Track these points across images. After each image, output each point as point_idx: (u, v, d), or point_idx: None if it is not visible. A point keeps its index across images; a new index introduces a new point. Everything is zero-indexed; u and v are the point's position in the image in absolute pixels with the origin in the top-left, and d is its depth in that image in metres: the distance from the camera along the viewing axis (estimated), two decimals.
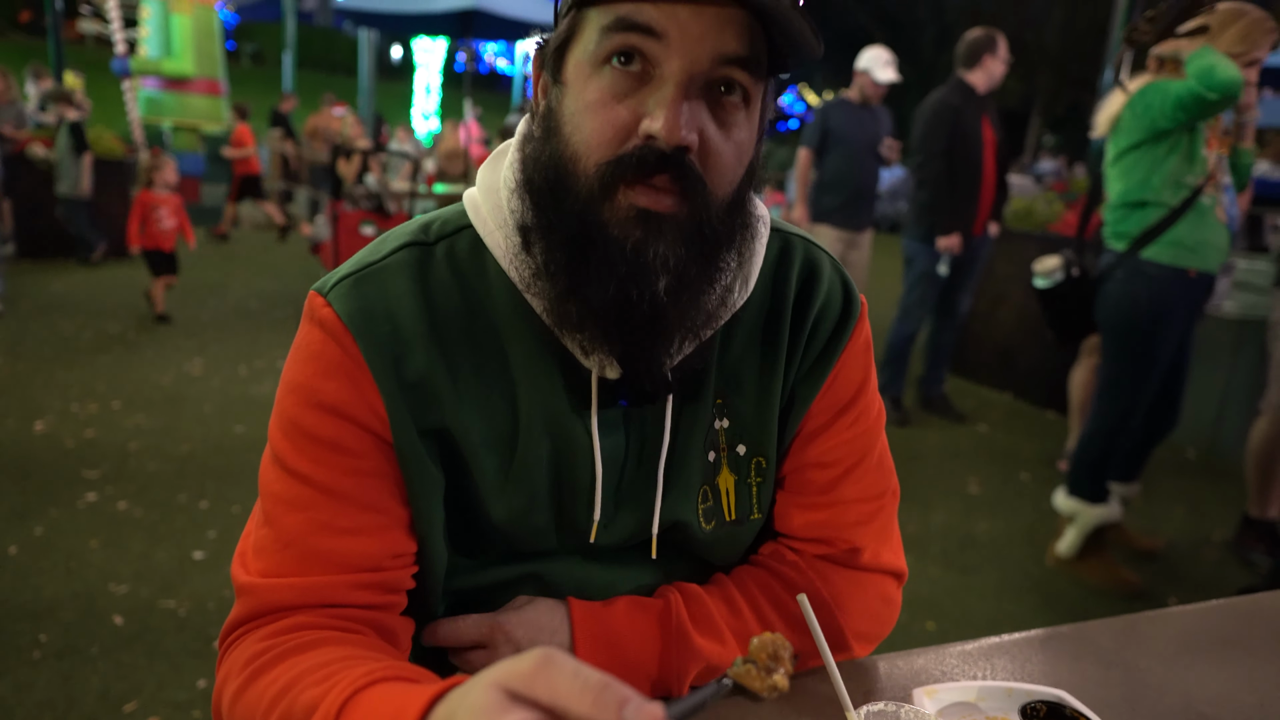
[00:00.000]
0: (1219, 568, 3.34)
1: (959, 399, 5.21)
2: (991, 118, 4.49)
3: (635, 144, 0.68)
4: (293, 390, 0.77)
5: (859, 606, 0.91)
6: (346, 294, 0.76)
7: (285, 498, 0.76)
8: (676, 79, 0.67)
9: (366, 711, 0.60)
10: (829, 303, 0.88)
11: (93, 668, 2.26)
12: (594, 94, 0.69)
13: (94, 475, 3.42)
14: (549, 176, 0.72)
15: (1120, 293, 2.88)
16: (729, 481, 0.88)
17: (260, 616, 0.75)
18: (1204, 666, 1.03)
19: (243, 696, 0.70)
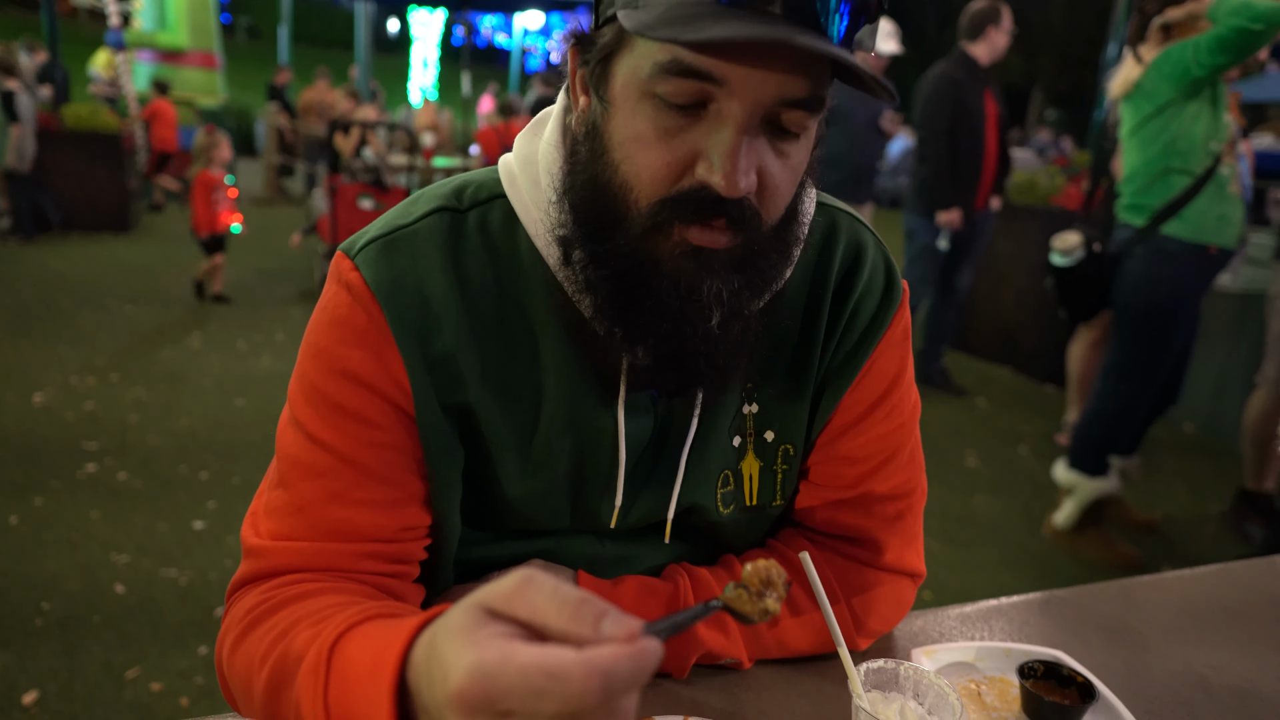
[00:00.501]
0: (1215, 541, 3.36)
1: (959, 374, 5.21)
2: (994, 92, 4.45)
3: (690, 184, 0.65)
4: (317, 354, 0.75)
5: (873, 607, 0.89)
6: (375, 259, 0.74)
7: (302, 462, 0.75)
8: (736, 123, 0.62)
9: (356, 647, 0.60)
10: (870, 288, 0.85)
11: (95, 637, 2.27)
12: (645, 125, 0.64)
13: (94, 448, 3.42)
14: (596, 203, 0.68)
15: (1141, 273, 2.81)
16: (754, 467, 0.85)
17: (265, 578, 0.75)
18: (1202, 631, 1.04)
19: (241, 645, 0.71)
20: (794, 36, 0.57)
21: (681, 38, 0.57)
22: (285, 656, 0.65)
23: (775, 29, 0.58)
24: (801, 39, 0.57)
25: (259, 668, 0.67)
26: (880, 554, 0.89)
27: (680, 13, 0.59)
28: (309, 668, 0.62)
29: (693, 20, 0.58)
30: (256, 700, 0.67)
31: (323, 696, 0.60)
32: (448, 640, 0.47)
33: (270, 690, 0.66)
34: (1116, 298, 2.93)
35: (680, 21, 0.59)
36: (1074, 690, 0.84)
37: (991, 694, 0.87)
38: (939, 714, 0.71)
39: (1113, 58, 6.65)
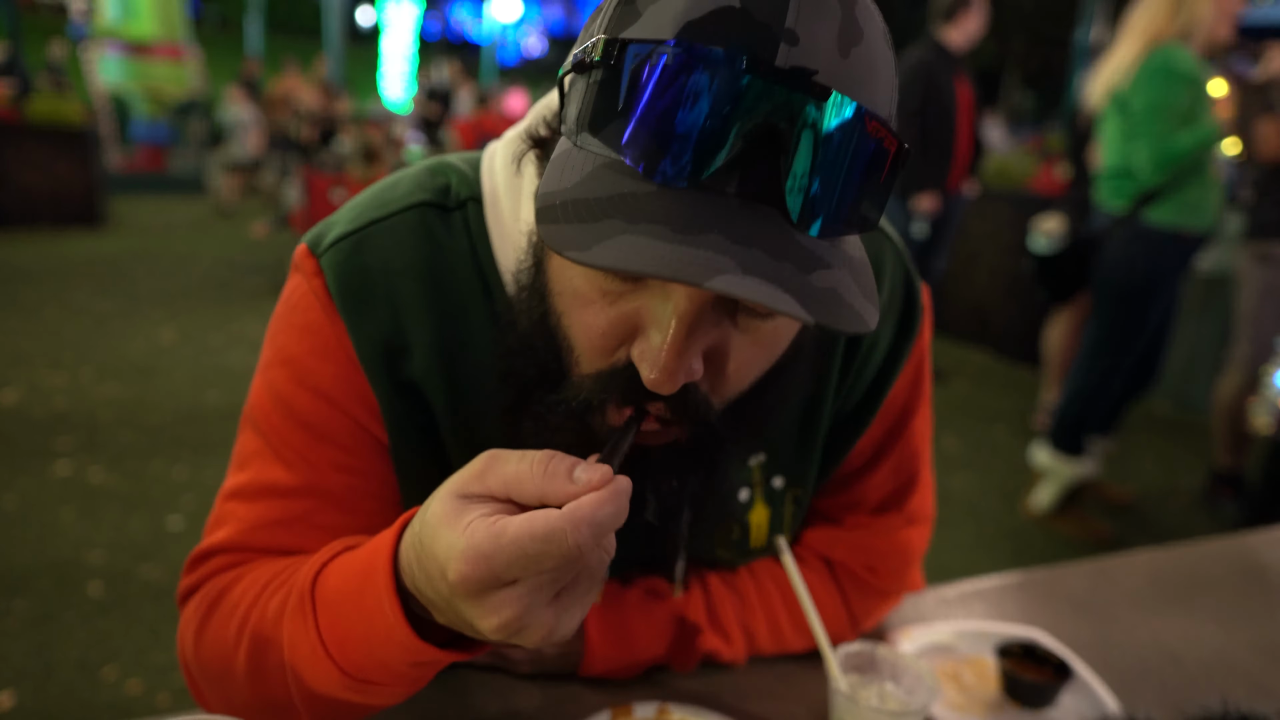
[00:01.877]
0: (1188, 518, 3.41)
1: (935, 356, 5.22)
2: (966, 76, 4.47)
3: (625, 358, 0.54)
4: (285, 362, 0.68)
5: (866, 616, 0.89)
6: (340, 262, 0.66)
7: (263, 481, 0.69)
8: (679, 308, 0.50)
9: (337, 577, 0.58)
10: (886, 317, 0.76)
11: (69, 635, 2.24)
12: (581, 283, 0.54)
13: (66, 445, 3.37)
14: (542, 348, 0.59)
15: (1120, 256, 2.87)
16: (762, 516, 0.81)
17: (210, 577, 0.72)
18: (1172, 606, 1.05)
19: (205, 632, 0.67)
20: (709, 275, 0.43)
21: (566, 252, 0.45)
22: (261, 621, 0.62)
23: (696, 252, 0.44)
24: (718, 281, 0.43)
25: (235, 644, 0.64)
26: (888, 579, 0.89)
27: (598, 189, 0.48)
28: (292, 613, 0.59)
29: (603, 211, 0.46)
30: (239, 678, 0.64)
31: (315, 632, 0.58)
32: (433, 534, 0.47)
33: (253, 660, 0.62)
34: (1096, 280, 2.98)
35: (586, 213, 0.47)
36: (1050, 669, 0.85)
37: (970, 674, 0.88)
38: (917, 695, 0.72)
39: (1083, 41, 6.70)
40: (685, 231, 0.45)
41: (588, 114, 0.49)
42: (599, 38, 0.49)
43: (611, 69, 0.47)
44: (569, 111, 0.51)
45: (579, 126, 0.50)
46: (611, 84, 0.47)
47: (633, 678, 0.82)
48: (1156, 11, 2.71)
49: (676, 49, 0.45)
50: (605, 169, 0.48)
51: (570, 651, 0.79)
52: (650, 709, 0.77)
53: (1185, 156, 2.66)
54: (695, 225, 0.45)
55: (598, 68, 0.48)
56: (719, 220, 0.46)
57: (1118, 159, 2.89)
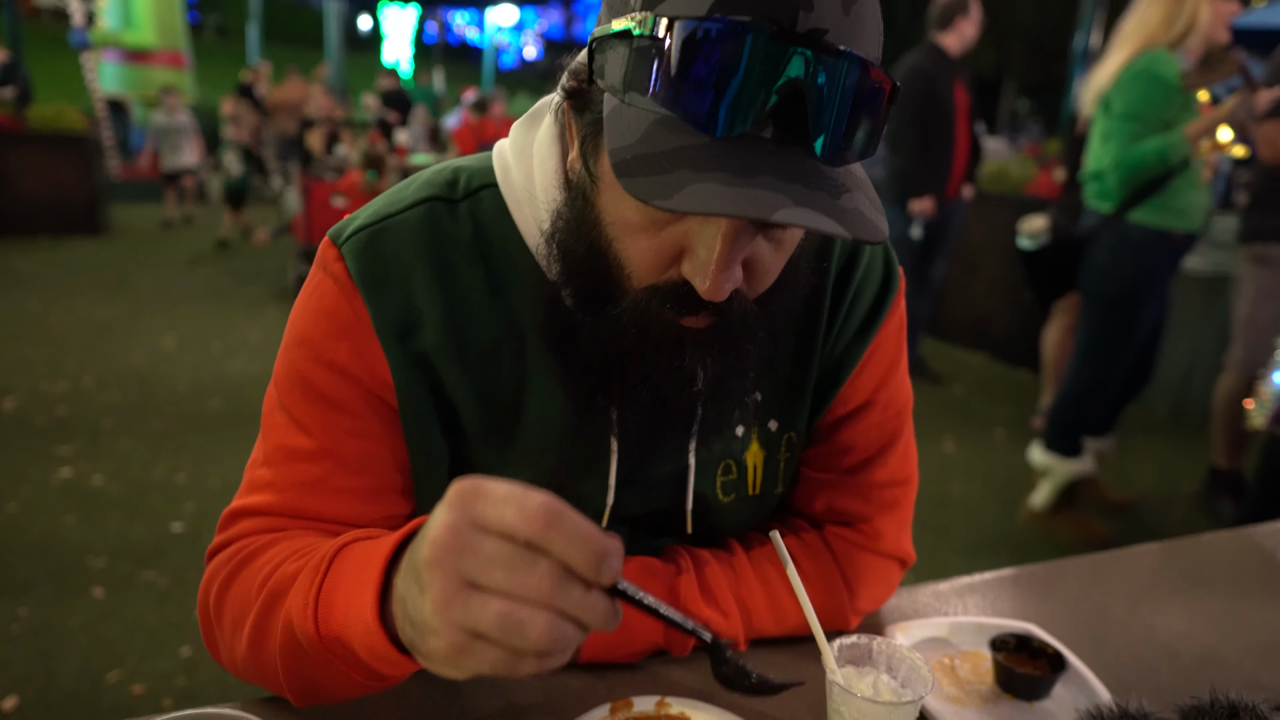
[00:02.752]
0: (1187, 519, 3.42)
1: (933, 360, 5.26)
2: (964, 81, 4.49)
3: (676, 277, 0.64)
4: (303, 342, 0.76)
5: (866, 589, 0.91)
6: (360, 250, 0.74)
7: (286, 446, 0.76)
8: (722, 229, 0.60)
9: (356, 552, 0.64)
10: (869, 275, 0.86)
11: (72, 642, 2.25)
12: (633, 214, 0.63)
13: (67, 452, 3.38)
14: (589, 272, 0.68)
15: (1106, 257, 2.88)
16: (758, 457, 0.86)
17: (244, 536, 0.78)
18: (1167, 602, 1.06)
19: (232, 584, 0.73)
20: (773, 210, 0.53)
21: (651, 201, 0.54)
22: (281, 579, 0.68)
23: (755, 193, 0.54)
24: (781, 214, 0.54)
25: (253, 599, 0.69)
26: (878, 539, 0.91)
27: (661, 144, 0.56)
28: (308, 573, 0.65)
29: (672, 164, 0.55)
30: (247, 632, 0.70)
31: (316, 589, 0.63)
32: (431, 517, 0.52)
33: (263, 613, 0.68)
34: (1084, 282, 2.99)
35: (658, 166, 0.56)
36: (1045, 662, 0.86)
37: (965, 667, 0.89)
38: (911, 686, 0.73)
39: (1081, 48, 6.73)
40: (742, 175, 0.55)
41: (639, 78, 0.58)
42: (642, 14, 0.57)
43: (657, 40, 0.56)
44: (611, 73, 0.60)
45: (626, 87, 0.59)
46: (659, 53, 0.56)
47: (631, 662, 0.84)
48: (1151, 17, 2.73)
49: (716, 23, 0.54)
50: (660, 125, 0.57)
51: None
52: (649, 702, 0.78)
53: (1144, 164, 2.68)
54: (749, 169, 0.55)
55: (643, 39, 0.57)
56: (765, 163, 0.56)
57: (1100, 161, 2.91)
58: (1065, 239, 3.03)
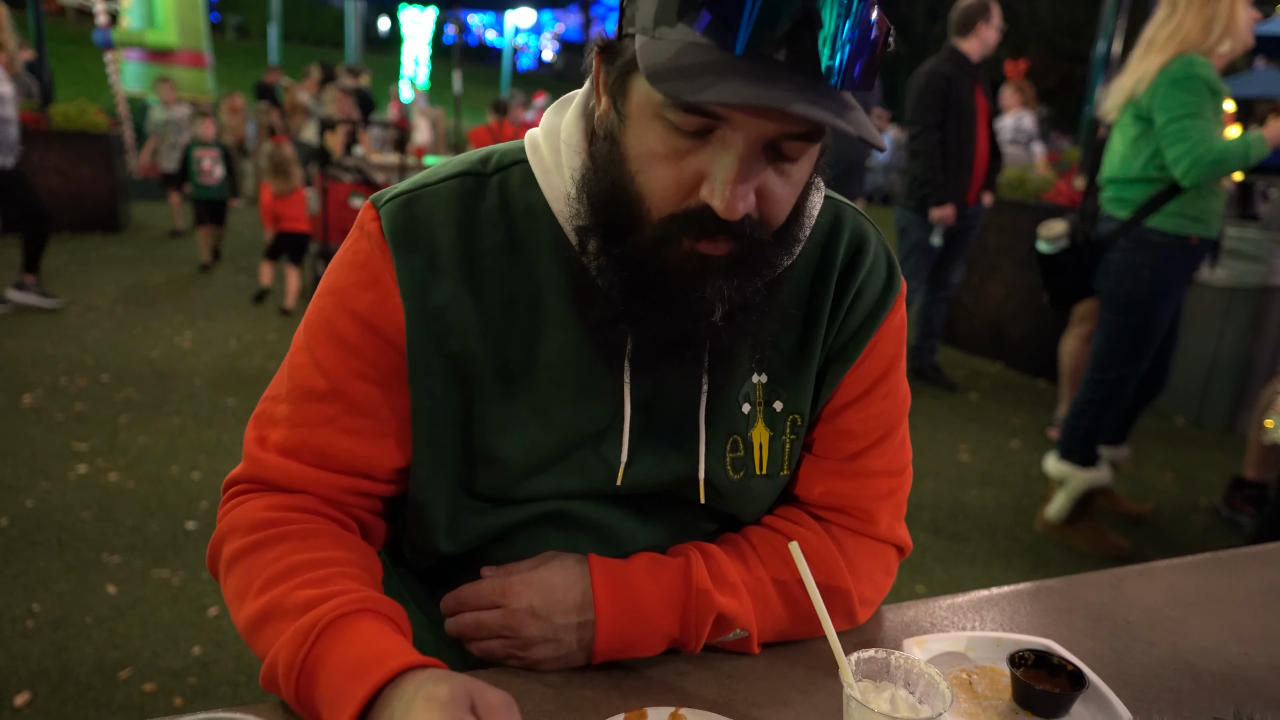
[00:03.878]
0: (1205, 532, 3.38)
1: (951, 369, 5.23)
2: (984, 87, 4.46)
3: (696, 203, 0.69)
4: (334, 292, 0.83)
5: (867, 574, 0.93)
6: (395, 212, 0.81)
7: (306, 385, 0.83)
8: (738, 152, 0.67)
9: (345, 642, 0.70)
10: (872, 276, 0.90)
11: (86, 638, 2.26)
12: (657, 144, 0.69)
13: (84, 448, 3.41)
14: (613, 207, 0.73)
15: (1123, 262, 2.87)
16: (763, 436, 0.89)
17: (264, 487, 0.85)
18: (1190, 619, 1.05)
19: (243, 560, 0.79)
20: (790, 103, 0.61)
21: (684, 96, 0.62)
22: (283, 600, 0.74)
23: (774, 91, 0.61)
24: (796, 106, 0.61)
25: (256, 593, 0.76)
26: (874, 525, 0.94)
27: (690, 59, 0.63)
28: (301, 627, 0.71)
29: (700, 72, 0.62)
30: (243, 617, 0.76)
31: (302, 655, 0.70)
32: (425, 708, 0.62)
33: (258, 618, 0.74)
34: (1100, 287, 2.98)
35: (688, 74, 0.62)
36: (1064, 678, 0.85)
37: (983, 683, 0.88)
38: (930, 702, 0.72)
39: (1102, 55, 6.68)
40: (762, 81, 0.62)
41: (667, 11, 0.65)
42: None
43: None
44: (641, 15, 0.67)
45: (656, 22, 0.66)
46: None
47: (647, 655, 0.84)
48: (1187, 23, 2.69)
49: None
50: (688, 47, 0.64)
51: (584, 620, 0.81)
52: (663, 713, 0.77)
53: (1227, 159, 2.61)
54: (767, 78, 0.62)
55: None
56: (782, 76, 0.63)
57: (1122, 167, 2.88)
58: (1083, 243, 3.01)
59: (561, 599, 0.82)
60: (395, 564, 0.99)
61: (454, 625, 0.87)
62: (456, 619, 0.86)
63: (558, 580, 0.83)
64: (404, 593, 0.97)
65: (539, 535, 0.87)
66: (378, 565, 0.85)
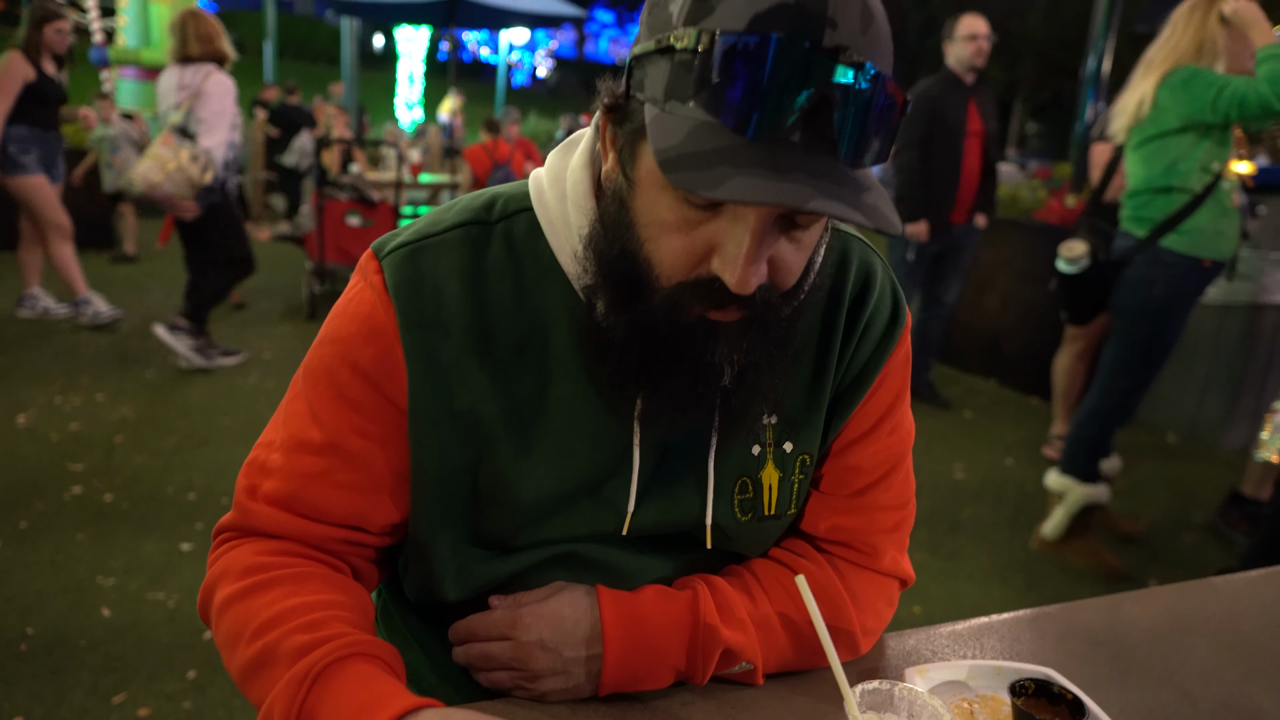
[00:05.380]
0: (1199, 550, 3.39)
1: (945, 386, 5.25)
2: (982, 105, 4.49)
3: (706, 273, 0.69)
4: (336, 342, 0.82)
5: (870, 605, 0.93)
6: (399, 264, 0.80)
7: (301, 436, 0.82)
8: (750, 228, 0.66)
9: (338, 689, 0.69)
10: (879, 307, 0.90)
11: (81, 660, 2.25)
12: (667, 213, 0.68)
13: (79, 468, 3.39)
14: (623, 273, 0.73)
15: (1139, 280, 2.92)
16: (773, 478, 0.88)
17: (252, 533, 0.84)
18: (1189, 644, 1.05)
19: (234, 606, 0.78)
20: (807, 200, 0.60)
21: (698, 192, 0.60)
22: (276, 646, 0.73)
23: (789, 185, 0.60)
24: (814, 203, 0.60)
25: (249, 640, 0.75)
26: (879, 559, 0.94)
27: (703, 144, 0.62)
28: (296, 676, 0.70)
29: (714, 160, 0.61)
30: (236, 664, 0.76)
31: (299, 705, 0.69)
32: None
33: (252, 665, 0.74)
34: (1116, 303, 3.02)
35: (701, 163, 0.61)
36: (1064, 707, 0.85)
37: (984, 712, 0.88)
38: None
39: (1092, 71, 6.74)
40: (778, 171, 0.61)
41: (679, 87, 0.64)
42: (686, 29, 0.63)
43: (700, 53, 0.62)
44: (652, 86, 0.66)
45: (667, 96, 0.65)
46: (704, 65, 0.62)
47: (654, 688, 0.84)
48: (1181, 44, 2.75)
49: (756, 38, 0.60)
50: (702, 128, 0.63)
51: (593, 654, 0.82)
52: None
53: None
54: (783, 167, 0.61)
55: (685, 52, 0.63)
56: (797, 162, 0.62)
57: (1138, 182, 2.93)
58: (1105, 261, 3.07)
59: (571, 632, 0.82)
60: (394, 600, 0.98)
61: (463, 654, 0.87)
62: (465, 649, 0.86)
63: (567, 613, 0.83)
64: (405, 629, 0.97)
65: (547, 577, 0.87)
66: (370, 606, 0.84)
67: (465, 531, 0.85)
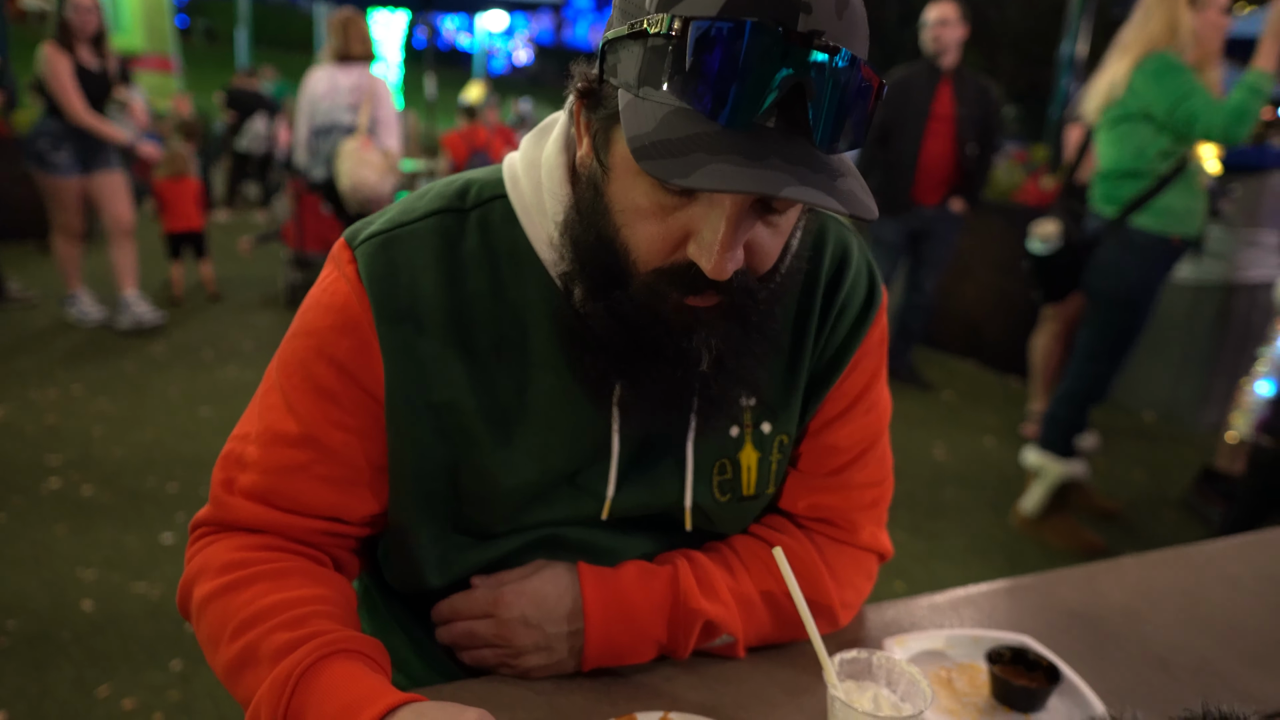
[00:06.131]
0: (1176, 526, 3.45)
1: (925, 368, 5.29)
2: (960, 92, 4.49)
3: (682, 259, 0.69)
4: (310, 334, 0.80)
5: (848, 580, 0.95)
6: (373, 254, 0.79)
7: (277, 429, 0.81)
8: (727, 213, 0.65)
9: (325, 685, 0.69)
10: (855, 287, 0.90)
11: (65, 654, 2.24)
12: (642, 199, 0.68)
13: (57, 462, 3.36)
14: (599, 260, 0.72)
15: (1110, 260, 2.96)
16: (752, 458, 0.89)
17: (230, 528, 0.83)
18: (1161, 612, 1.08)
19: (215, 603, 0.77)
20: (780, 186, 0.59)
21: (671, 180, 0.59)
22: (259, 644, 0.73)
23: (763, 172, 0.59)
24: (788, 190, 0.59)
25: (230, 637, 0.74)
26: (857, 534, 0.96)
27: (676, 130, 0.61)
28: (280, 676, 0.69)
29: (687, 147, 0.60)
30: (219, 663, 0.75)
31: (284, 706, 0.68)
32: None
33: (236, 663, 0.73)
34: (1089, 283, 3.06)
35: (674, 149, 0.60)
36: (1040, 673, 0.87)
37: (962, 680, 0.90)
38: (911, 700, 0.74)
39: (1067, 56, 6.78)
40: (752, 158, 0.60)
41: (653, 73, 0.63)
42: (658, 15, 0.62)
43: (674, 38, 0.61)
44: (625, 71, 0.65)
45: (640, 82, 0.64)
46: (676, 50, 0.61)
47: (637, 662, 0.85)
48: (1153, 27, 2.78)
49: (729, 23, 0.59)
50: (676, 115, 0.62)
51: (575, 629, 0.82)
52: (652, 718, 0.79)
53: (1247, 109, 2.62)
54: (758, 153, 0.60)
55: (659, 37, 0.62)
56: (772, 148, 0.61)
57: (1108, 163, 2.96)
58: (1076, 242, 3.10)
59: (553, 608, 0.83)
60: (376, 586, 0.98)
61: (446, 634, 0.87)
62: (449, 628, 0.87)
63: (549, 590, 0.83)
64: (387, 615, 0.97)
65: (528, 560, 0.87)
66: (353, 596, 0.84)
67: (446, 521, 0.85)
